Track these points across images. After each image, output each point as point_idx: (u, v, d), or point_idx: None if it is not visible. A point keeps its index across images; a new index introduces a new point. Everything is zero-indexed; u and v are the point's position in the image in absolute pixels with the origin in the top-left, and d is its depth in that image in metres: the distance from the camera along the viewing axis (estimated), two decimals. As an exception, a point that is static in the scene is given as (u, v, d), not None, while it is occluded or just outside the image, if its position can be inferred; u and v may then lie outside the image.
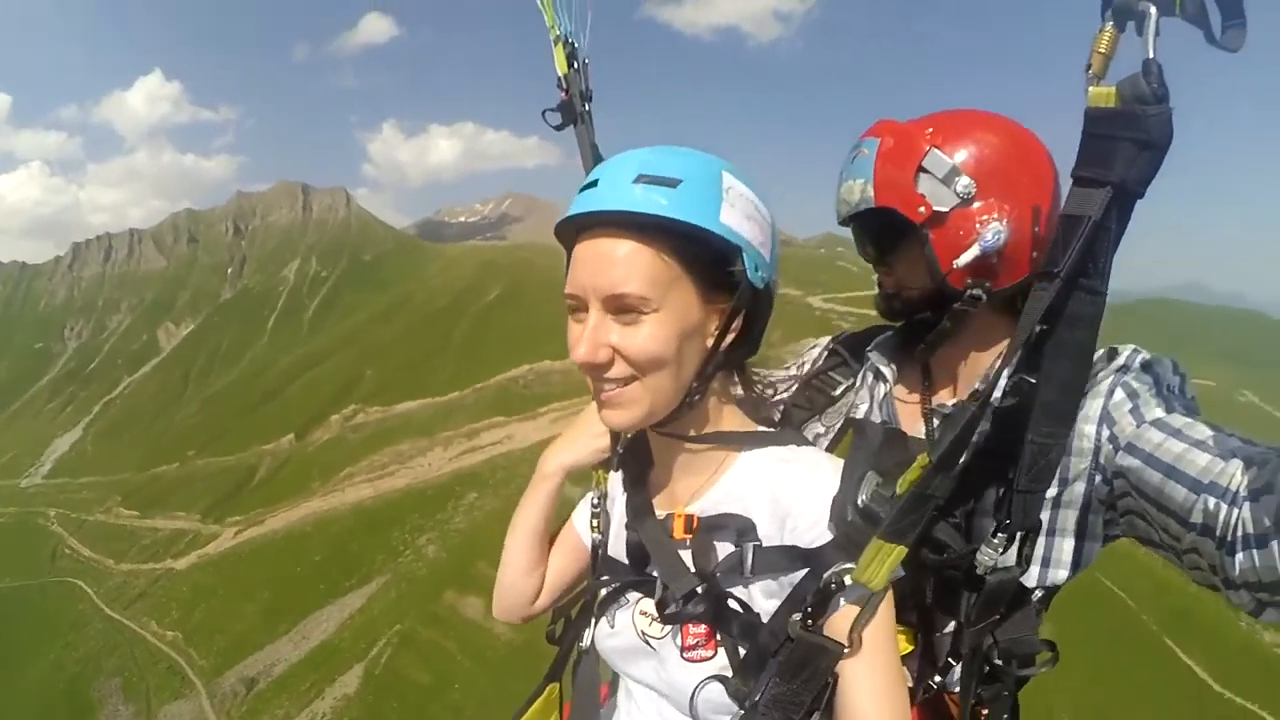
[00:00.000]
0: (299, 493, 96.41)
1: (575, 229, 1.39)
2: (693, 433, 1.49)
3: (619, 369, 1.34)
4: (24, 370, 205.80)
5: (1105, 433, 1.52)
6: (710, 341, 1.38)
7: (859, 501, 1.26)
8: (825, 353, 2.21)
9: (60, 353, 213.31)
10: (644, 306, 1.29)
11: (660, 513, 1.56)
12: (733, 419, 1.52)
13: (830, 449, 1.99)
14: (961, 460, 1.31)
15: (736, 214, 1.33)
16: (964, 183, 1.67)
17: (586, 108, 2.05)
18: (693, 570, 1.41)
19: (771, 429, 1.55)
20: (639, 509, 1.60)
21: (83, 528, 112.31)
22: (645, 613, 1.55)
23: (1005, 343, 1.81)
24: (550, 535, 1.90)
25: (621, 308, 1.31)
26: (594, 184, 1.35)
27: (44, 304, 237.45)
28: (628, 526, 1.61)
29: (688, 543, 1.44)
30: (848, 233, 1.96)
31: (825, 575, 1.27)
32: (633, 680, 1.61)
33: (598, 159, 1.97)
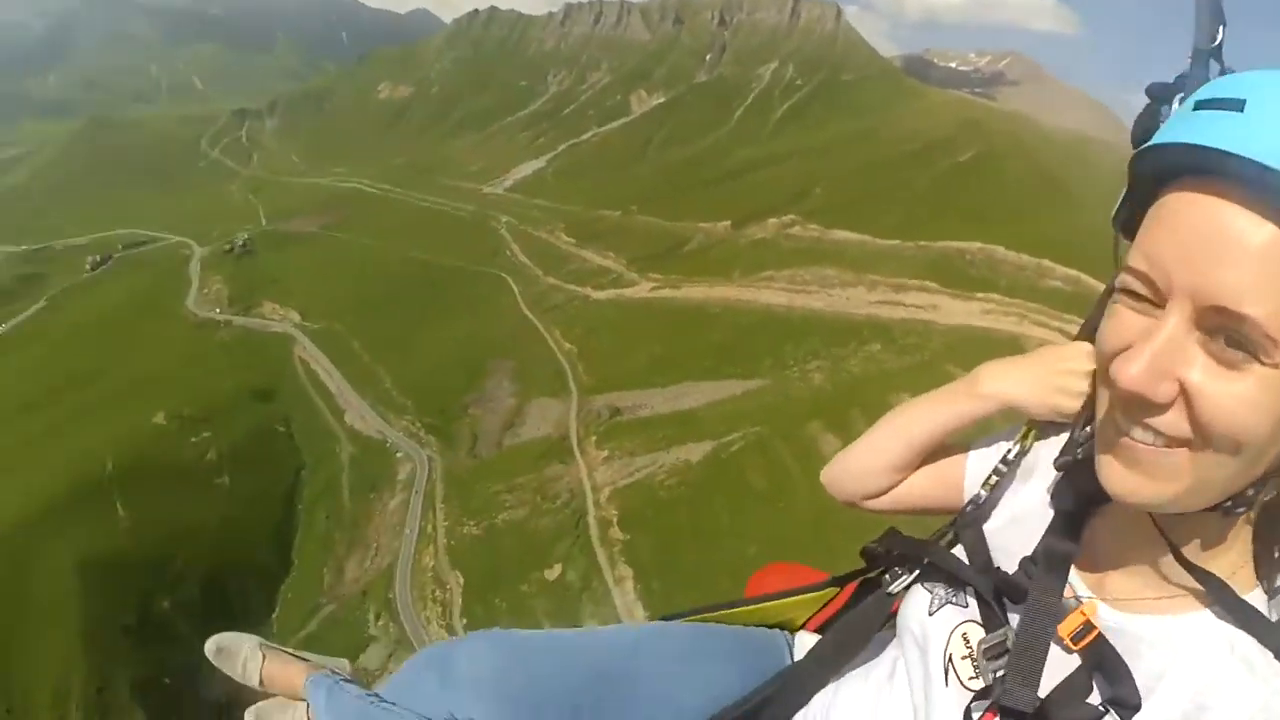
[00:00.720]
0: (719, 275, 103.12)
1: (1171, 168, 0.93)
2: (1185, 540, 1.08)
3: (1173, 421, 0.93)
4: (506, 102, 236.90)
5: None
6: None
7: None
8: None
9: (540, 93, 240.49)
10: (1264, 350, 0.85)
11: (1073, 582, 1.22)
12: (1236, 558, 1.08)
13: None
14: None
15: None
16: None
17: None
18: (1039, 690, 1.12)
19: (1266, 612, 1.04)
20: (1053, 553, 1.24)
21: (525, 239, 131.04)
22: (968, 639, 1.30)
23: None
24: (936, 450, 1.60)
25: (1222, 329, 0.88)
26: (1238, 105, 0.87)
27: (533, 50, 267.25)
28: (1028, 559, 1.27)
29: (1064, 646, 1.13)
30: None
31: None
32: (905, 664, 1.41)
33: (1217, 17, 1.22)
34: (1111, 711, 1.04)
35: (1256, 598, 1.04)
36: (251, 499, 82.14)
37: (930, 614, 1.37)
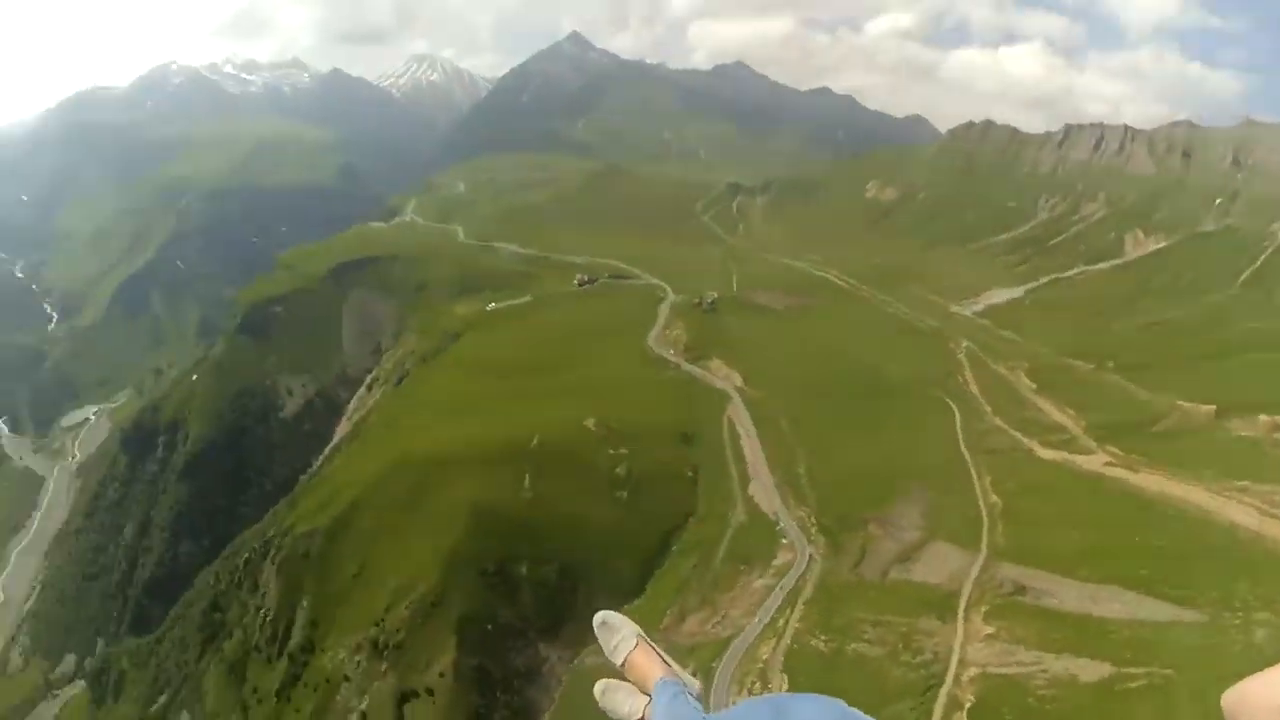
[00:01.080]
0: (1186, 469, 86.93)
1: None
2: None
3: None
4: (991, 220, 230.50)
5: None
6: None
7: None
8: None
9: (1029, 217, 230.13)
10: None
11: None
12: None
13: None
14: None
15: None
16: None
17: None
18: None
19: None
20: None
21: (982, 370, 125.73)
22: None
23: None
24: None
25: None
26: None
27: (1026, 170, 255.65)
28: None
29: None
30: None
31: None
32: None
33: None
34: None
35: None
36: (638, 522, 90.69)
37: None
